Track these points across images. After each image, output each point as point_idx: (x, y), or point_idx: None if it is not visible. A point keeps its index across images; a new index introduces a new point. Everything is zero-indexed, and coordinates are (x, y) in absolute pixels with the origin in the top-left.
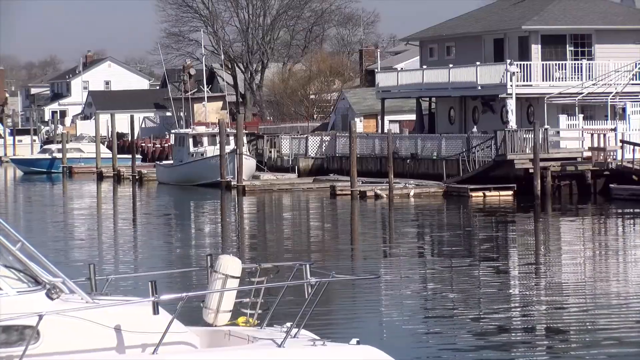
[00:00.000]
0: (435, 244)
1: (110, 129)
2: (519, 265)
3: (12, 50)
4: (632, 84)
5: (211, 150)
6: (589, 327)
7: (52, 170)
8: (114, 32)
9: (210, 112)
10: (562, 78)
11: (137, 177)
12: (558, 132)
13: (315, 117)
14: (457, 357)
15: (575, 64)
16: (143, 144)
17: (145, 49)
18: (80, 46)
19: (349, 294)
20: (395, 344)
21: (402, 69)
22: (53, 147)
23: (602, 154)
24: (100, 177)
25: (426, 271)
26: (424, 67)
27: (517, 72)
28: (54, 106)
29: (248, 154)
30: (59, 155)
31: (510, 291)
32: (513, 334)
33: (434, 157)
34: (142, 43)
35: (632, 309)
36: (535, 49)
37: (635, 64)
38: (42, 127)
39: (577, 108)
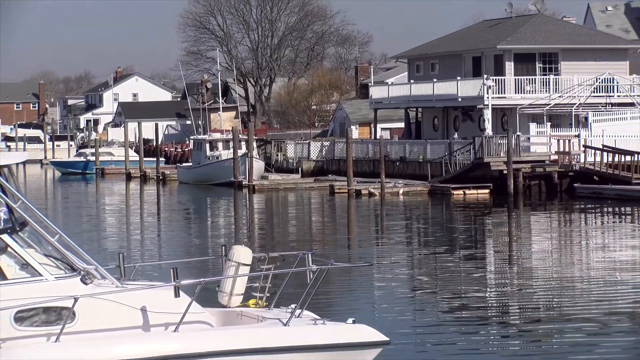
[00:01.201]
0: (422, 235)
1: (137, 136)
2: (495, 253)
3: (51, 67)
4: (593, 96)
5: (225, 154)
6: (556, 305)
7: (87, 172)
8: (140, 50)
9: (224, 120)
10: (532, 91)
11: (160, 178)
12: (528, 138)
13: (316, 125)
14: (440, 332)
15: (543, 78)
16: (166, 149)
17: (168, 66)
18: (111, 63)
19: (345, 279)
20: (386, 322)
21: (392, 83)
22: (87, 151)
23: (567, 157)
24: (128, 177)
25: (413, 259)
26: (412, 81)
27: (493, 85)
28: (88, 115)
29: (257, 157)
30: (93, 158)
31: (487, 275)
32: (489, 312)
33: (420, 160)
34: (166, 60)
35: (593, 291)
36: (509, 66)
37: (596, 78)
38: (78, 133)
39: (545, 117)
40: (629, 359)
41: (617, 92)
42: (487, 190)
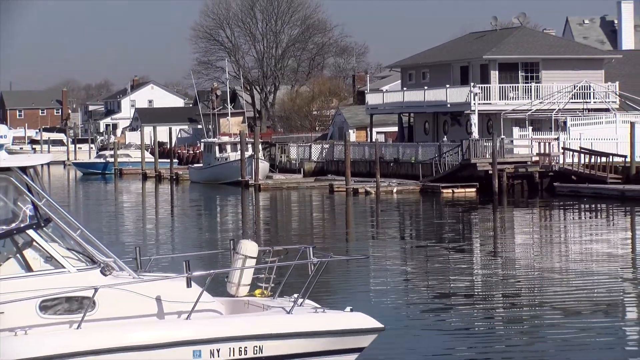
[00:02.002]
0: (414, 230)
1: (152, 139)
2: (481, 246)
3: (73, 76)
4: (572, 102)
5: (233, 156)
6: (537, 292)
7: (106, 172)
8: (155, 61)
9: (232, 125)
10: (515, 97)
11: (174, 178)
12: (512, 141)
13: (317, 129)
14: (431, 319)
15: (525, 86)
16: (179, 151)
17: (181, 75)
18: (129, 72)
19: (344, 271)
20: (381, 310)
21: (386, 90)
22: (107, 153)
23: (547, 159)
24: (144, 177)
25: (406, 251)
26: (404, 88)
27: (479, 93)
28: (107, 120)
29: (263, 158)
30: (112, 160)
31: (474, 266)
32: (476, 299)
33: (412, 161)
34: (179, 70)
35: (571, 280)
36: (494, 74)
37: (574, 86)
38: (98, 137)
39: (527, 122)
40: (599, 336)
41: (594, 98)
42: (473, 189)
